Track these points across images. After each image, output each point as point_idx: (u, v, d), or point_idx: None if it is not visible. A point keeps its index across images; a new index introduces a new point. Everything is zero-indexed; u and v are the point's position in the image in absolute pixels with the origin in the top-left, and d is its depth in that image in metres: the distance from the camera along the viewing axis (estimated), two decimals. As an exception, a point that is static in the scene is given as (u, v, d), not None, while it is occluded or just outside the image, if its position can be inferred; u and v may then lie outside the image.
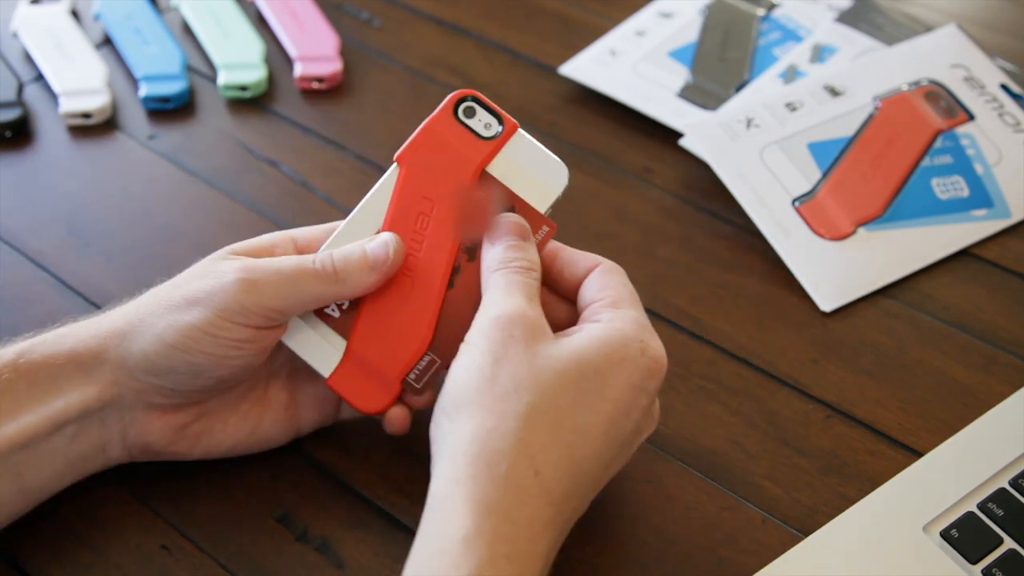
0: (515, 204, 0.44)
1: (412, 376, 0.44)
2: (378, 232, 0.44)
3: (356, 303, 0.44)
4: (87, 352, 0.42)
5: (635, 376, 0.40)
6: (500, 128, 0.45)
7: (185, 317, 0.41)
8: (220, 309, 0.41)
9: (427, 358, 0.44)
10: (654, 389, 0.41)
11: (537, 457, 0.37)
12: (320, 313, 0.44)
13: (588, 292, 0.44)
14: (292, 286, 0.42)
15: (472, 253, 0.44)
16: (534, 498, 0.37)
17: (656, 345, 0.41)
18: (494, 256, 0.43)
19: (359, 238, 0.44)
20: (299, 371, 0.46)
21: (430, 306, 0.44)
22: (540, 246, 0.44)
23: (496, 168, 0.45)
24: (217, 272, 0.42)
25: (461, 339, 0.41)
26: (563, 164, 0.45)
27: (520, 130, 0.45)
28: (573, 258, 0.45)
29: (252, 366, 0.43)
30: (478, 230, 0.44)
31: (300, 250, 0.45)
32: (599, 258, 0.45)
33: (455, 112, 0.45)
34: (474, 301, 0.43)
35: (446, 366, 0.42)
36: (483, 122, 0.45)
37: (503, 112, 0.45)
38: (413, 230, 0.44)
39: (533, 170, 0.44)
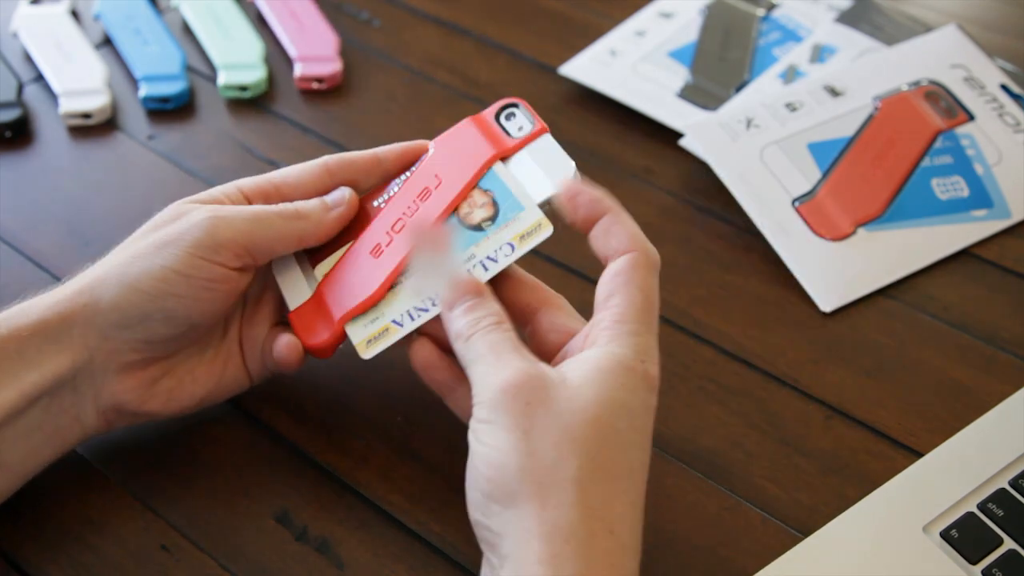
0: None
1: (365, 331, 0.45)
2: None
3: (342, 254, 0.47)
4: (54, 318, 0.42)
5: (648, 399, 0.39)
6: (530, 129, 0.46)
7: (157, 261, 0.42)
8: (192, 246, 0.42)
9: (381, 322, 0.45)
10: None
11: (605, 516, 0.36)
12: (312, 258, 0.48)
13: (600, 294, 0.41)
14: (259, 223, 0.44)
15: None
16: (617, 557, 0.36)
17: (655, 367, 0.40)
18: (460, 323, 0.41)
19: None
20: (245, 318, 0.48)
21: (394, 265, 0.45)
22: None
23: (510, 162, 0.46)
24: (186, 216, 0.44)
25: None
26: (572, 162, 0.45)
27: (547, 134, 0.46)
28: (559, 314, 0.44)
29: (221, 312, 0.45)
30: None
31: (247, 198, 0.47)
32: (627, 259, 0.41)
33: (497, 115, 0.47)
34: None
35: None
36: (517, 125, 0.47)
37: (539, 118, 0.47)
38: (413, 199, 0.47)
39: (542, 167, 0.46)
